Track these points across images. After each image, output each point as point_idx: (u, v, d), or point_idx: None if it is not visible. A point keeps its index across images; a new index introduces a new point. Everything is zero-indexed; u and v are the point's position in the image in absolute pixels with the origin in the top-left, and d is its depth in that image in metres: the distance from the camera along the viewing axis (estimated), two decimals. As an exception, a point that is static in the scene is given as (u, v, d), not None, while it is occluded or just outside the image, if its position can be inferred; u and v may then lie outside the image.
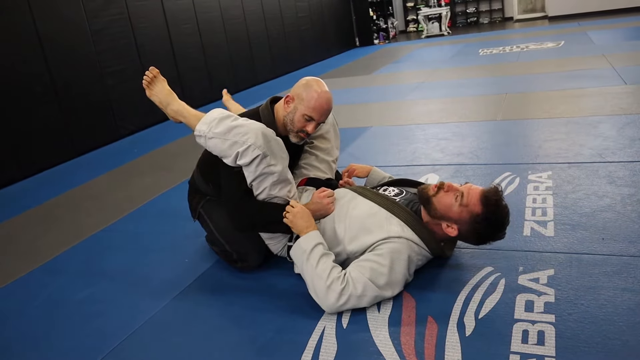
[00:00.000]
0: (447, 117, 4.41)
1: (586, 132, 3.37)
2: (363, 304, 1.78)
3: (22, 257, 2.78)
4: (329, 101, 2.09)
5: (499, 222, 1.81)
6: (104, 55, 5.36)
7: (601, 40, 7.54)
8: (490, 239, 1.86)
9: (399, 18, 15.00)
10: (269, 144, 1.91)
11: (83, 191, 3.85)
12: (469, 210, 1.79)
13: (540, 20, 12.66)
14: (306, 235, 1.90)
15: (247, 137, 1.89)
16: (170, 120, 2.30)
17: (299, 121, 2.08)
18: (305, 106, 2.06)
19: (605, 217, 2.21)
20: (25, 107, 4.51)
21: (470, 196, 1.80)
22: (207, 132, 2.00)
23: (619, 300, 1.66)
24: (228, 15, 7.54)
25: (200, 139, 2.06)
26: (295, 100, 2.09)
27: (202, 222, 2.35)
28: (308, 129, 2.09)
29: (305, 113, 2.06)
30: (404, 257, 1.82)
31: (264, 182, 1.97)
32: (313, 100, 2.05)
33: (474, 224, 1.79)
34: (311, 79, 2.13)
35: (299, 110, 2.07)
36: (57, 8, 4.88)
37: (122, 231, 2.94)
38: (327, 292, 1.76)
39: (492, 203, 1.77)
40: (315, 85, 2.08)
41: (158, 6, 6.20)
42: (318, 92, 2.05)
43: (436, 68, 7.34)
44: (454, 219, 1.83)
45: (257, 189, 2.00)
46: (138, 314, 2.01)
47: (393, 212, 1.90)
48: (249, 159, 1.90)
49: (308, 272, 1.83)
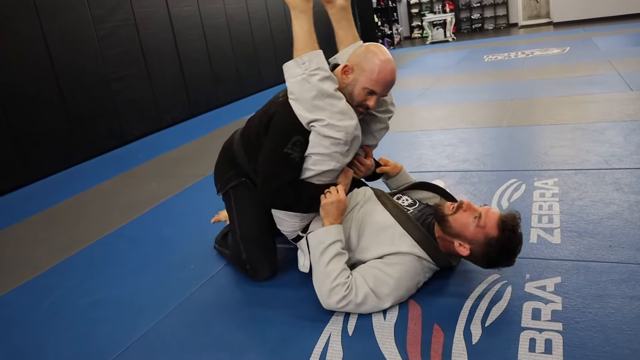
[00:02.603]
0: (453, 123, 4.40)
1: (592, 139, 3.36)
2: (362, 312, 1.80)
3: (27, 262, 2.79)
4: (393, 71, 1.87)
5: (512, 248, 1.78)
6: (110, 61, 5.39)
7: (606, 46, 7.52)
8: (499, 264, 1.84)
9: (404, 24, 15.01)
10: (354, 140, 1.83)
11: (89, 196, 3.86)
12: (485, 233, 1.76)
13: (545, 26, 12.65)
14: (330, 227, 1.87)
15: (343, 117, 1.78)
16: (176, 127, 2.25)
17: (359, 95, 1.87)
18: (366, 78, 1.84)
19: (612, 225, 2.20)
20: (31, 112, 4.53)
21: (488, 218, 1.77)
22: (307, 72, 1.84)
23: (627, 308, 1.65)
24: (233, 21, 7.56)
25: (296, 69, 1.87)
26: (354, 70, 1.87)
27: (228, 205, 2.22)
28: (369, 103, 1.88)
29: (366, 86, 1.85)
30: (411, 271, 1.82)
31: (324, 164, 1.85)
32: (376, 71, 1.83)
33: (488, 247, 1.77)
34: (372, 44, 1.92)
35: (359, 82, 1.85)
36: (64, 14, 4.90)
37: (127, 237, 2.94)
38: (329, 293, 1.78)
39: (509, 229, 1.75)
40: (378, 52, 1.86)
41: (164, 12, 6.23)
42: (381, 61, 1.84)
43: (441, 74, 7.34)
44: (468, 239, 1.80)
45: (313, 164, 1.86)
46: (143, 321, 2.01)
47: (407, 230, 1.87)
48: (332, 134, 1.77)
49: (320, 266, 1.83)
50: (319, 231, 1.89)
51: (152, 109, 5.93)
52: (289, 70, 1.89)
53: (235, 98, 7.44)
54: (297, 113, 1.82)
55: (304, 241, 2.02)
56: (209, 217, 2.76)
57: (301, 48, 1.90)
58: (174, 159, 4.62)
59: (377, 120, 2.16)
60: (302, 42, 1.91)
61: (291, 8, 1.94)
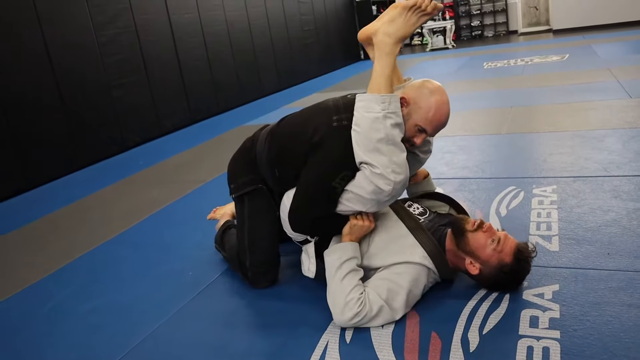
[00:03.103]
0: (452, 130, 4.40)
1: (591, 146, 3.37)
2: (374, 324, 1.78)
3: (28, 268, 2.79)
4: (448, 114, 1.82)
5: (520, 277, 1.84)
6: (111, 68, 5.41)
7: (606, 53, 7.54)
8: (502, 289, 1.87)
9: (404, 31, 15.05)
10: (398, 194, 1.80)
11: (89, 202, 3.87)
12: (500, 258, 1.79)
13: (544, 33, 12.69)
14: (348, 244, 1.88)
15: (398, 171, 1.73)
16: (176, 134, 2.25)
17: (409, 130, 1.81)
18: (420, 115, 1.78)
19: (610, 232, 2.20)
20: (32, 118, 4.55)
21: (505, 245, 1.79)
22: (383, 113, 1.73)
23: (625, 316, 1.65)
24: (234, 28, 7.60)
25: (376, 105, 1.74)
26: (410, 104, 1.80)
27: (239, 209, 2.16)
28: (417, 140, 1.83)
29: (419, 124, 1.79)
30: (421, 281, 1.83)
31: (358, 204, 1.82)
32: (432, 111, 1.78)
33: (498, 272, 1.79)
34: (431, 83, 1.85)
35: (412, 118, 1.79)
36: (65, 21, 4.93)
37: (127, 243, 2.95)
38: (343, 309, 1.76)
39: (524, 259, 1.79)
40: (437, 93, 1.81)
41: (165, 19, 6.27)
42: (438, 102, 1.79)
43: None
44: (481, 259, 1.81)
45: (349, 200, 1.83)
46: (141, 326, 2.01)
47: (419, 240, 1.87)
48: (378, 183, 1.73)
49: (335, 280, 1.83)
50: (337, 246, 1.90)
51: (152, 115, 5.95)
52: (366, 103, 1.77)
53: (235, 105, 7.46)
54: (355, 148, 1.76)
55: (311, 245, 2.01)
56: (209, 223, 2.77)
57: (378, 89, 1.77)
58: (175, 165, 4.63)
59: (416, 160, 2.11)
60: (381, 83, 1.78)
61: (377, 49, 1.83)
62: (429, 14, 1.80)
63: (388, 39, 1.80)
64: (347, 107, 1.84)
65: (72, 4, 5.02)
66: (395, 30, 1.80)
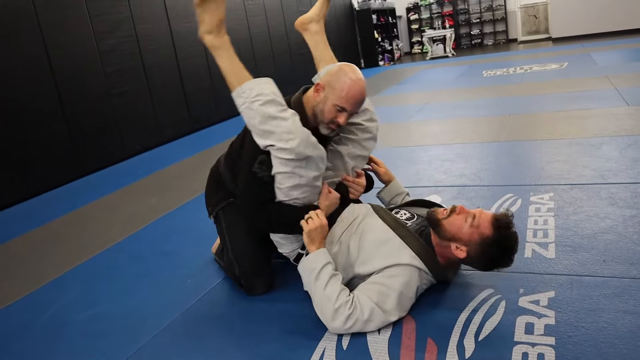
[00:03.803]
0: (451, 138, 4.43)
1: (589, 154, 3.38)
2: (369, 329, 1.78)
3: (29, 275, 2.80)
4: (363, 90, 1.94)
5: (508, 246, 1.81)
6: (112, 76, 5.45)
7: (604, 61, 7.58)
8: (497, 264, 1.86)
9: (404, 40, 15.16)
10: (308, 155, 1.85)
11: (89, 210, 3.89)
12: (480, 232, 1.80)
13: (544, 41, 12.76)
14: (316, 253, 1.88)
15: (289, 137, 1.82)
16: (176, 142, 2.32)
17: (330, 112, 1.93)
18: (336, 95, 1.90)
19: (606, 239, 2.22)
20: (34, 127, 4.58)
21: (481, 218, 1.81)
22: (248, 100, 1.90)
23: (619, 322, 1.66)
24: (234, 37, 7.53)
25: (239, 99, 1.94)
26: (325, 88, 1.94)
27: (218, 226, 2.28)
28: (339, 120, 1.94)
29: (337, 103, 1.91)
30: (413, 282, 1.84)
31: (288, 180, 1.89)
32: (345, 89, 1.90)
33: (484, 246, 1.80)
34: (344, 64, 1.99)
35: (329, 99, 1.92)
36: (66, 30, 4.98)
37: (126, 251, 2.96)
38: (334, 315, 1.76)
39: (503, 226, 1.78)
40: (349, 71, 1.93)
41: (165, 28, 6.31)
42: (351, 80, 1.91)
43: (440, 89, 7.40)
44: (463, 241, 1.83)
45: (280, 182, 1.90)
46: (140, 335, 2.02)
47: (406, 242, 1.89)
48: (283, 156, 1.83)
49: (317, 291, 1.83)
50: (307, 259, 1.89)
51: (153, 123, 5.98)
52: (235, 102, 1.96)
53: (235, 113, 7.40)
54: (255, 139, 1.90)
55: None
56: (208, 231, 2.78)
57: (237, 81, 1.97)
58: (174, 173, 4.65)
59: (363, 129, 2.23)
60: (233, 77, 1.98)
61: (209, 48, 2.04)
62: None
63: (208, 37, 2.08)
64: None
65: (74, 13, 5.07)
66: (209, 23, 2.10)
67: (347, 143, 2.24)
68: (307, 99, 2.02)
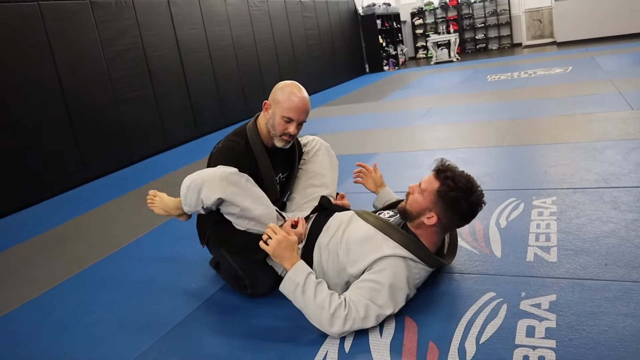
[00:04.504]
0: (455, 143, 4.44)
1: (592, 158, 3.39)
2: (368, 325, 1.80)
3: (33, 280, 2.83)
4: (305, 99, 2.18)
5: (462, 185, 1.85)
6: (118, 83, 5.50)
7: (609, 65, 7.58)
8: (470, 205, 1.88)
9: (409, 45, 15.19)
10: (226, 188, 2.01)
11: (95, 215, 3.92)
12: (430, 190, 1.88)
13: (548, 46, 12.75)
14: (293, 268, 1.86)
15: (202, 186, 2.03)
16: (179, 148, 2.41)
17: (279, 124, 2.18)
18: (282, 108, 2.15)
19: (608, 243, 2.22)
20: (40, 133, 4.63)
21: (425, 181, 1.93)
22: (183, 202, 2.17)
23: (620, 326, 1.67)
24: (239, 43, 7.70)
25: (185, 208, 2.20)
26: (272, 105, 2.20)
27: (212, 247, 2.36)
28: (290, 130, 2.17)
29: (284, 115, 2.15)
30: (401, 273, 1.85)
31: (231, 217, 2.10)
32: (289, 101, 2.14)
33: (443, 199, 1.86)
34: (286, 82, 2.23)
35: (277, 113, 2.17)
36: (73, 37, 5.04)
37: (131, 256, 2.99)
38: (331, 321, 1.77)
39: (444, 170, 1.89)
40: (290, 86, 2.18)
41: (171, 35, 6.37)
42: (293, 93, 2.15)
43: (445, 94, 7.41)
44: (427, 208, 1.89)
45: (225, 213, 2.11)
46: (143, 339, 2.04)
47: (388, 234, 1.93)
48: (209, 202, 2.03)
49: (308, 304, 1.81)
50: (287, 277, 1.87)
51: (158, 129, 6.02)
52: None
53: (240, 119, 7.52)
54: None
55: None
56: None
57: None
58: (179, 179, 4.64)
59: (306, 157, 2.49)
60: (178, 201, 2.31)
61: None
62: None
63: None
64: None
65: (80, 21, 5.13)
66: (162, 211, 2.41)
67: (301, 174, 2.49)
68: (260, 120, 2.29)
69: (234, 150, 2.23)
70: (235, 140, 2.27)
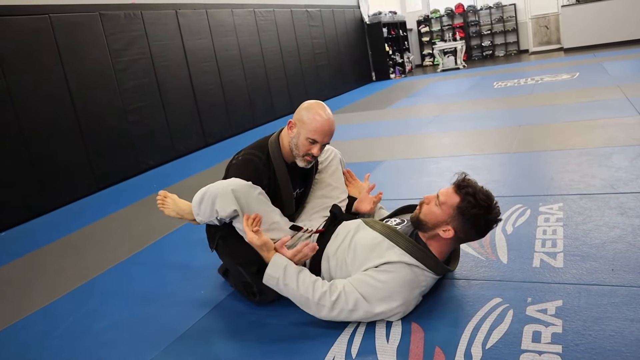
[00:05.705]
0: (461, 150, 4.46)
1: (599, 163, 3.39)
2: (354, 318, 1.86)
3: (45, 288, 2.87)
4: (331, 122, 2.18)
5: (482, 201, 1.86)
6: (127, 93, 5.57)
7: (616, 71, 7.56)
8: (486, 221, 1.89)
9: (415, 52, 15.22)
10: (239, 199, 2.04)
11: (105, 224, 3.96)
12: (450, 204, 1.88)
13: (556, 52, 12.73)
14: (271, 263, 1.95)
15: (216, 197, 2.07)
16: (189, 156, 2.44)
17: (303, 145, 2.18)
18: (307, 129, 2.15)
19: (615, 248, 2.22)
20: (51, 143, 4.70)
21: (444, 194, 1.92)
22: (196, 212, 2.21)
23: (627, 331, 1.67)
24: (246, 53, 7.76)
25: (198, 218, 2.24)
26: (297, 124, 2.19)
27: (221, 253, 2.37)
28: (313, 151, 2.18)
29: (308, 136, 2.15)
30: (404, 279, 1.86)
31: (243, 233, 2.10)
32: (314, 122, 2.14)
33: (462, 214, 1.86)
34: (312, 102, 2.23)
35: (302, 134, 2.17)
36: (83, 49, 5.12)
37: (141, 263, 3.02)
38: (317, 309, 1.86)
39: (463, 186, 1.88)
40: (316, 107, 2.19)
41: (179, 45, 6.44)
42: (319, 114, 2.15)
43: (451, 101, 7.42)
44: (444, 221, 1.89)
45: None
46: (152, 346, 2.06)
47: (394, 242, 1.94)
48: (225, 214, 2.06)
49: (293, 295, 1.91)
50: (266, 274, 1.96)
51: (166, 139, 6.08)
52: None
53: (247, 128, 7.59)
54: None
55: None
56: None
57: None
58: (187, 188, 4.71)
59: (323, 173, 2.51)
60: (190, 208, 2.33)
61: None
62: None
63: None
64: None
65: (90, 32, 5.21)
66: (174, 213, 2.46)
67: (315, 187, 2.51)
68: (282, 137, 2.28)
69: (254, 163, 2.25)
70: (256, 154, 2.28)
